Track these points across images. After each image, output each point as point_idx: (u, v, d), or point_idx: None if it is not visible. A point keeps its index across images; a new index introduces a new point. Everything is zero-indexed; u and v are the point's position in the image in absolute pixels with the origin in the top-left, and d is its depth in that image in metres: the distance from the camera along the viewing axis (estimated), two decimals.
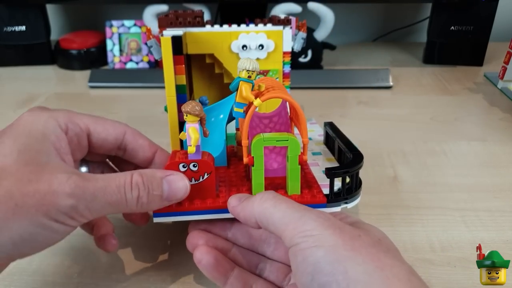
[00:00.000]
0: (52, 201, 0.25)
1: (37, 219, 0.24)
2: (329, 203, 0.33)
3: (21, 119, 0.28)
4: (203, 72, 0.51)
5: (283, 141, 0.31)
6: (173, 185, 0.29)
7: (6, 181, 0.24)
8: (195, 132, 0.30)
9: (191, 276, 0.35)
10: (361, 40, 0.98)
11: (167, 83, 0.40)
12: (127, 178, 0.28)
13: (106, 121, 0.33)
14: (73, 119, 0.31)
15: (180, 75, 0.41)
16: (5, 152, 0.26)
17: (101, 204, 0.26)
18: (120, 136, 0.33)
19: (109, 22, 0.78)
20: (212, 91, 0.52)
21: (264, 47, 0.46)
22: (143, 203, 0.28)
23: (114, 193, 0.27)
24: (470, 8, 0.73)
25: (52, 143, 0.28)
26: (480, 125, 0.58)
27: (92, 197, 0.26)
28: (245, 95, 0.30)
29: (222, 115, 0.42)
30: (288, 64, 0.47)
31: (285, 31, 0.46)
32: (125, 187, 0.27)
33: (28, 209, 0.24)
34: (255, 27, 0.46)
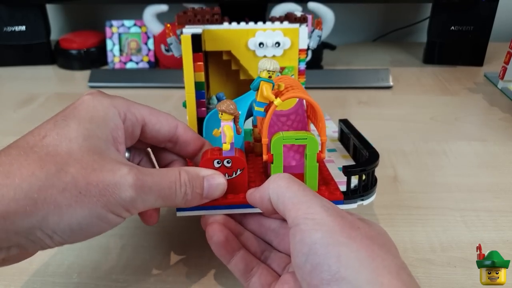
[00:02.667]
0: (114, 192, 0.26)
1: (97, 210, 0.25)
2: (346, 199, 0.34)
3: (83, 102, 0.29)
4: (220, 68, 0.52)
5: (302, 139, 0.32)
6: (213, 184, 0.31)
7: (72, 168, 0.25)
8: (230, 130, 0.31)
9: (191, 276, 0.35)
10: (361, 40, 0.98)
11: (187, 80, 0.42)
12: (177, 175, 0.29)
13: (160, 114, 0.33)
14: (131, 109, 0.31)
15: (199, 72, 0.42)
16: (71, 136, 0.26)
17: (155, 198, 0.28)
18: (173, 130, 0.33)
19: (109, 22, 0.78)
20: (228, 87, 0.53)
21: (281, 45, 0.47)
22: (187, 199, 0.30)
23: (167, 188, 0.28)
24: (470, 8, 0.73)
25: (111, 131, 0.29)
26: (480, 125, 0.58)
27: (149, 190, 0.27)
28: (266, 94, 0.32)
29: (240, 112, 0.41)
30: (303, 61, 0.48)
31: (302, 28, 0.47)
32: (176, 184, 0.29)
33: (91, 198, 0.25)
34: (272, 24, 0.47)
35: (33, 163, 0.24)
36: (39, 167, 0.24)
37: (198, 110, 0.45)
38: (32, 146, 0.25)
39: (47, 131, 0.26)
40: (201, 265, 0.36)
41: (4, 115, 0.63)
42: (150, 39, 0.78)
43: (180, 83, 0.71)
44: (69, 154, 0.25)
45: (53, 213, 0.24)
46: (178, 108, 0.64)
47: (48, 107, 0.65)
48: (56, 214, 0.24)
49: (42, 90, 0.71)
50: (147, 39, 0.78)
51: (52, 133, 0.26)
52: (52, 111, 0.69)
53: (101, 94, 0.30)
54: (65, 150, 0.26)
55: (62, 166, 0.25)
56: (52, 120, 0.28)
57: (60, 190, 0.24)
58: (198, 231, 0.39)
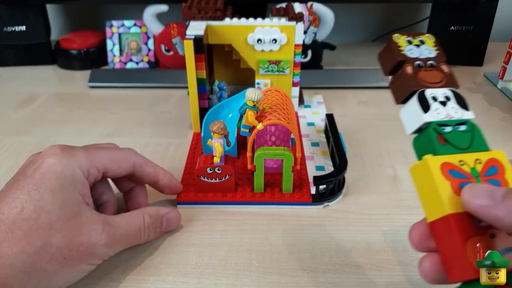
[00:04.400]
0: (92, 252, 0.31)
1: (80, 267, 0.31)
2: (314, 202, 0.42)
3: (50, 168, 0.31)
4: (222, 57, 0.59)
5: (280, 155, 0.40)
6: (170, 219, 0.38)
7: (55, 239, 0.29)
8: (220, 147, 0.39)
9: (191, 276, 0.35)
10: (361, 40, 0.98)
11: (189, 78, 0.48)
12: (141, 221, 0.35)
13: (120, 158, 0.36)
14: (93, 164, 0.34)
15: (201, 70, 0.48)
16: (48, 208, 0.29)
17: (123, 245, 0.34)
18: (130, 168, 0.37)
19: (109, 22, 0.78)
20: (229, 73, 0.61)
21: (277, 41, 0.50)
22: (149, 238, 0.37)
23: (133, 235, 0.35)
24: (470, 8, 0.73)
25: (79, 191, 0.32)
26: (480, 125, 0.57)
27: (118, 242, 0.33)
28: (250, 120, 0.38)
29: (231, 114, 0.50)
30: (299, 54, 0.52)
31: (298, 26, 0.49)
32: (140, 230, 0.35)
33: (73, 260, 0.30)
34: (270, 21, 0.50)
35: (20, 240, 0.28)
36: (27, 243, 0.28)
37: (200, 102, 0.51)
38: (14, 222, 0.28)
39: (23, 204, 0.29)
40: (201, 264, 0.36)
41: (4, 115, 0.63)
42: (150, 39, 0.78)
43: (180, 83, 0.72)
44: (50, 226, 0.29)
45: (43, 280, 0.28)
46: (179, 107, 0.64)
47: (48, 107, 0.65)
48: (46, 280, 0.29)
49: (42, 90, 0.71)
50: (147, 39, 0.78)
51: (30, 206, 0.29)
52: (52, 111, 0.69)
53: (64, 154, 0.32)
54: (45, 223, 0.29)
55: (46, 239, 0.29)
56: (24, 189, 0.30)
57: (47, 260, 0.28)
58: (198, 231, 0.39)
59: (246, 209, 0.42)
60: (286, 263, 0.36)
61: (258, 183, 0.42)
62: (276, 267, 0.35)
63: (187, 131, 0.57)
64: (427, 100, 0.28)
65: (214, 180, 0.41)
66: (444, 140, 0.26)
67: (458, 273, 0.23)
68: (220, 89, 0.56)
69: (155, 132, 0.57)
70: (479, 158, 0.25)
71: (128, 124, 0.59)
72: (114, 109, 0.64)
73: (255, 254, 0.37)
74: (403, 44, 0.30)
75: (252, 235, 0.39)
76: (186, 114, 0.61)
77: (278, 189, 0.43)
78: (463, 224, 0.23)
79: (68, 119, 0.62)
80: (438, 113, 0.27)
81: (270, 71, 0.53)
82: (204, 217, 0.41)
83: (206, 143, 0.47)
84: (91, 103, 0.67)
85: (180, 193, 0.43)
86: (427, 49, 0.30)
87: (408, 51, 0.30)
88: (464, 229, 0.22)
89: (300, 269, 0.35)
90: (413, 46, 0.30)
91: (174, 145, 0.53)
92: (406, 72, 0.29)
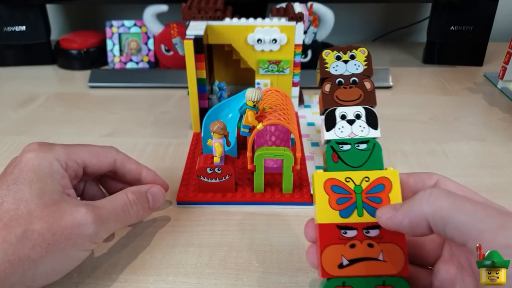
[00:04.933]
0: (78, 233, 0.30)
1: (67, 252, 0.29)
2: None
3: (28, 162, 0.31)
4: (222, 57, 0.59)
5: (280, 155, 0.39)
6: (155, 194, 0.37)
7: (37, 225, 0.28)
8: (220, 147, 0.39)
9: (191, 276, 0.35)
10: (361, 40, 0.98)
11: (189, 78, 0.48)
12: (125, 198, 0.34)
13: (99, 153, 0.37)
14: (71, 157, 0.34)
15: (201, 70, 0.49)
16: (26, 198, 0.29)
17: (114, 224, 0.33)
18: (112, 164, 0.37)
19: (109, 22, 0.78)
20: (229, 73, 0.62)
21: (277, 41, 0.50)
22: (140, 215, 0.36)
23: (122, 212, 0.33)
24: (470, 8, 0.73)
25: (59, 182, 0.32)
26: (480, 125, 0.58)
27: (107, 220, 0.32)
28: (250, 120, 0.38)
29: (231, 114, 0.50)
30: (299, 54, 0.52)
31: (298, 26, 0.49)
32: (127, 205, 0.34)
33: (59, 245, 0.29)
34: (270, 21, 0.50)
35: (0, 231, 0.28)
36: (8, 233, 0.28)
37: (200, 101, 0.51)
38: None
39: (3, 197, 0.29)
40: (201, 264, 0.36)
41: (4, 115, 0.63)
42: (150, 39, 0.78)
43: (180, 83, 0.72)
44: (30, 213, 0.29)
45: (28, 268, 0.28)
46: (179, 107, 0.64)
47: (48, 107, 0.65)
48: (32, 268, 0.28)
49: (42, 90, 0.71)
50: (147, 39, 0.78)
51: (9, 199, 0.29)
52: (52, 111, 0.69)
53: (42, 149, 0.33)
54: (25, 211, 0.29)
55: (27, 226, 0.28)
56: (4, 185, 0.30)
57: (30, 247, 0.28)
58: (198, 231, 0.39)
59: (246, 209, 0.42)
60: (286, 263, 0.36)
61: (258, 183, 0.42)
62: (276, 267, 0.35)
63: (187, 131, 0.57)
64: (335, 119, 0.30)
65: (214, 180, 0.41)
66: (337, 157, 0.29)
67: (319, 270, 0.27)
68: (220, 89, 0.56)
69: (155, 132, 0.57)
70: (368, 176, 0.28)
71: (128, 124, 0.59)
72: (114, 109, 0.64)
73: (255, 254, 0.37)
74: (330, 61, 0.31)
75: (252, 235, 0.39)
76: (186, 114, 0.61)
77: (278, 189, 0.43)
78: (328, 233, 0.27)
79: (68, 119, 0.62)
80: (341, 131, 0.29)
81: (270, 71, 0.53)
82: (204, 217, 0.41)
83: (206, 143, 0.47)
84: (91, 103, 0.67)
85: (180, 193, 0.43)
86: (356, 64, 0.31)
87: (332, 68, 0.31)
88: (327, 237, 0.27)
89: (300, 269, 0.35)
90: (341, 62, 0.31)
91: (174, 145, 0.53)
92: (324, 90, 0.31)
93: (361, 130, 0.29)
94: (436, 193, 0.24)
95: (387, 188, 0.27)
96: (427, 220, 0.23)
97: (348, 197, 0.27)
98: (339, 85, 0.30)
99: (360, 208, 0.27)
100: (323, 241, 0.27)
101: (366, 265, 0.26)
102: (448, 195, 0.23)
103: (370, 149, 0.28)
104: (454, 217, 0.22)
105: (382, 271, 0.26)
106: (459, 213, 0.22)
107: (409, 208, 0.24)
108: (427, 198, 0.24)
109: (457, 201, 0.23)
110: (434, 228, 0.23)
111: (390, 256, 0.26)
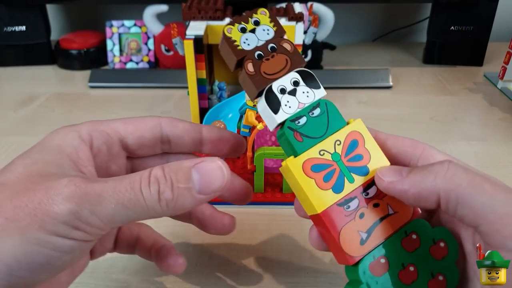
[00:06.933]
0: (45, 209, 0.20)
1: (31, 234, 0.20)
2: None
3: (45, 137, 0.25)
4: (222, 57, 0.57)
5: (280, 155, 0.39)
6: (206, 172, 0.23)
7: (1, 195, 0.21)
8: None
9: (191, 276, 0.35)
10: (361, 40, 0.98)
11: (189, 78, 0.48)
12: (144, 172, 0.22)
13: (136, 119, 0.28)
14: (97, 128, 0.26)
15: (201, 70, 0.49)
16: (11, 168, 0.23)
17: (111, 207, 0.21)
18: (157, 128, 0.28)
19: (109, 22, 0.78)
20: (229, 73, 0.61)
21: None
22: (167, 199, 0.22)
23: (126, 191, 0.21)
24: (470, 8, 0.73)
25: (68, 155, 0.24)
26: (480, 125, 0.58)
27: (97, 198, 0.21)
28: (250, 120, 0.38)
29: (231, 114, 0.50)
30: None
31: (298, 26, 0.49)
32: (140, 182, 0.22)
33: (18, 222, 0.20)
34: None
35: None
36: None
37: (200, 101, 0.51)
38: None
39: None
40: (201, 264, 0.36)
41: (4, 115, 0.63)
42: (150, 39, 0.78)
43: (180, 83, 0.72)
44: (3, 183, 0.22)
45: None
46: (179, 107, 0.64)
47: (48, 107, 0.65)
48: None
49: (42, 90, 0.71)
50: (147, 39, 0.78)
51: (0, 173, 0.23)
52: (52, 111, 0.69)
53: (65, 126, 0.26)
54: (1, 181, 0.22)
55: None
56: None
57: None
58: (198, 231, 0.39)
59: (246, 209, 0.42)
60: (286, 263, 0.36)
61: (258, 183, 0.42)
62: (276, 267, 0.35)
63: None
64: (276, 97, 0.25)
65: None
66: (300, 135, 0.25)
67: (339, 259, 0.25)
68: (220, 89, 0.56)
69: None
70: (338, 138, 0.25)
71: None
72: (114, 109, 0.64)
73: (255, 254, 0.37)
74: (237, 36, 0.27)
75: (252, 235, 0.39)
76: (186, 114, 0.61)
77: (278, 189, 0.43)
78: (334, 217, 0.24)
79: (68, 119, 0.61)
80: (289, 107, 0.25)
81: None
82: None
83: None
84: (91, 103, 0.67)
85: None
86: (265, 29, 0.27)
87: (243, 43, 0.26)
88: (336, 222, 0.24)
89: (300, 269, 0.35)
90: (248, 33, 0.27)
91: None
92: (248, 71, 0.26)
93: (306, 96, 0.26)
94: (453, 169, 0.22)
95: (360, 141, 0.26)
96: (439, 195, 0.21)
97: (332, 170, 0.25)
98: (260, 59, 0.26)
99: (348, 174, 0.25)
100: (334, 228, 0.24)
101: (383, 227, 0.24)
102: (466, 173, 0.21)
103: (325, 110, 0.26)
104: (471, 197, 0.20)
105: (399, 223, 0.25)
106: (478, 193, 0.20)
107: (419, 179, 0.22)
108: (443, 173, 0.21)
109: (476, 180, 0.21)
110: (444, 205, 0.22)
111: (397, 205, 0.25)
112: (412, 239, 0.24)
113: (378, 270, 0.24)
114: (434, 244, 0.24)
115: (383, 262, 0.24)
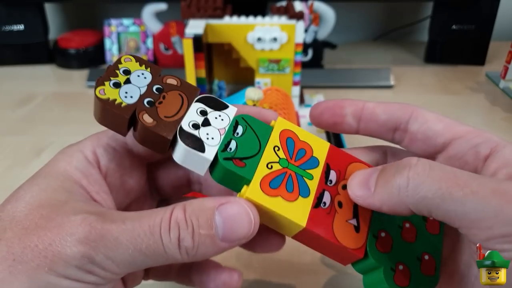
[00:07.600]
0: (57, 251, 0.19)
1: (40, 277, 0.19)
2: None
3: (50, 160, 0.23)
4: (221, 56, 0.58)
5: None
6: (230, 217, 0.21)
7: (10, 232, 0.19)
8: None
9: None
10: (362, 39, 0.97)
11: (189, 77, 0.48)
12: (165, 213, 0.20)
13: None
14: (101, 143, 0.24)
15: (200, 69, 0.48)
16: (18, 195, 0.21)
17: (128, 252, 0.19)
18: None
19: (107, 21, 0.78)
20: (229, 72, 0.61)
21: (278, 40, 0.50)
22: (187, 247, 0.20)
23: (146, 235, 0.20)
24: (472, 7, 0.73)
25: (77, 182, 0.22)
26: (482, 124, 0.57)
27: (114, 242, 0.19)
28: None
29: None
30: (299, 53, 0.52)
31: (298, 24, 0.49)
32: (161, 226, 0.20)
33: (27, 264, 0.19)
34: (270, 20, 0.50)
35: None
36: None
37: None
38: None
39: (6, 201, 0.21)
40: None
41: (2, 114, 0.63)
42: (149, 38, 0.77)
43: None
44: (12, 216, 0.20)
45: None
46: None
47: (47, 107, 0.65)
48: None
49: (40, 90, 0.70)
50: (146, 38, 0.78)
51: (6, 202, 0.21)
52: (50, 110, 0.68)
53: (70, 146, 0.24)
54: (9, 214, 0.20)
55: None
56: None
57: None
58: None
59: None
60: (286, 263, 0.35)
61: None
62: (276, 267, 0.35)
63: None
64: (193, 134, 0.22)
65: None
66: (240, 160, 0.23)
67: (345, 260, 0.24)
68: (219, 89, 0.56)
69: None
70: (275, 144, 0.24)
71: None
72: None
73: (255, 254, 0.36)
74: (114, 94, 0.22)
75: None
76: None
77: None
78: (319, 222, 0.22)
79: (67, 118, 0.61)
80: (212, 138, 0.23)
81: (270, 70, 0.52)
82: None
83: None
84: (89, 103, 0.66)
85: None
86: (139, 75, 0.24)
87: (125, 98, 0.22)
88: (324, 225, 0.22)
89: (300, 269, 0.35)
90: (124, 86, 0.23)
91: None
92: (147, 123, 0.22)
93: (221, 120, 0.23)
94: (414, 177, 0.20)
95: (294, 137, 0.25)
96: (410, 209, 0.20)
97: (289, 177, 0.23)
98: (152, 105, 0.23)
99: (304, 173, 0.24)
100: (326, 232, 0.23)
101: None
102: (430, 178, 0.19)
103: (246, 125, 0.24)
104: (440, 207, 0.19)
105: None
106: (447, 202, 0.19)
107: (386, 196, 0.21)
108: (405, 189, 0.20)
109: (442, 186, 0.19)
110: (419, 213, 0.21)
111: None
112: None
113: (385, 245, 0.23)
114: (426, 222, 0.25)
115: (384, 236, 0.23)
